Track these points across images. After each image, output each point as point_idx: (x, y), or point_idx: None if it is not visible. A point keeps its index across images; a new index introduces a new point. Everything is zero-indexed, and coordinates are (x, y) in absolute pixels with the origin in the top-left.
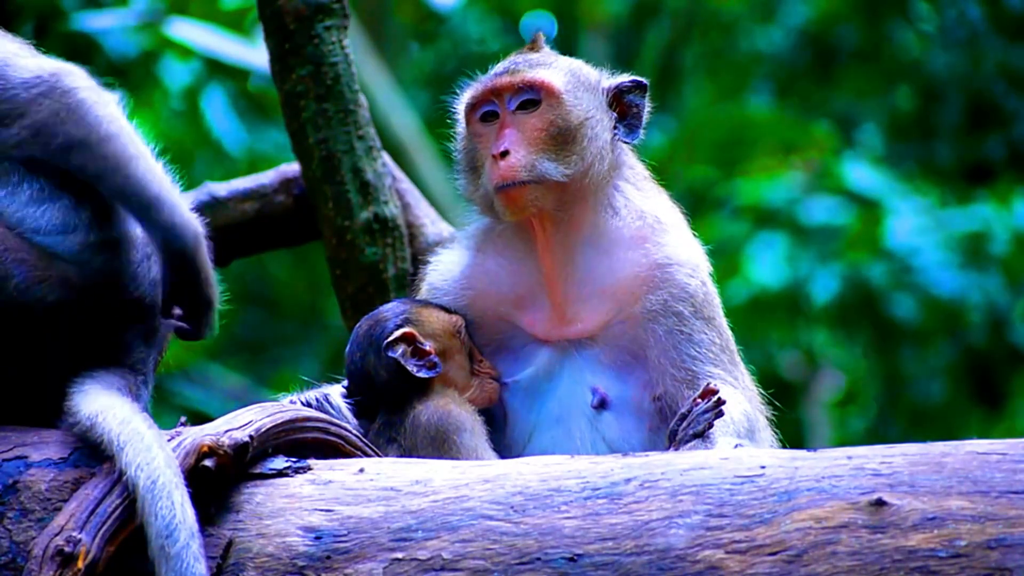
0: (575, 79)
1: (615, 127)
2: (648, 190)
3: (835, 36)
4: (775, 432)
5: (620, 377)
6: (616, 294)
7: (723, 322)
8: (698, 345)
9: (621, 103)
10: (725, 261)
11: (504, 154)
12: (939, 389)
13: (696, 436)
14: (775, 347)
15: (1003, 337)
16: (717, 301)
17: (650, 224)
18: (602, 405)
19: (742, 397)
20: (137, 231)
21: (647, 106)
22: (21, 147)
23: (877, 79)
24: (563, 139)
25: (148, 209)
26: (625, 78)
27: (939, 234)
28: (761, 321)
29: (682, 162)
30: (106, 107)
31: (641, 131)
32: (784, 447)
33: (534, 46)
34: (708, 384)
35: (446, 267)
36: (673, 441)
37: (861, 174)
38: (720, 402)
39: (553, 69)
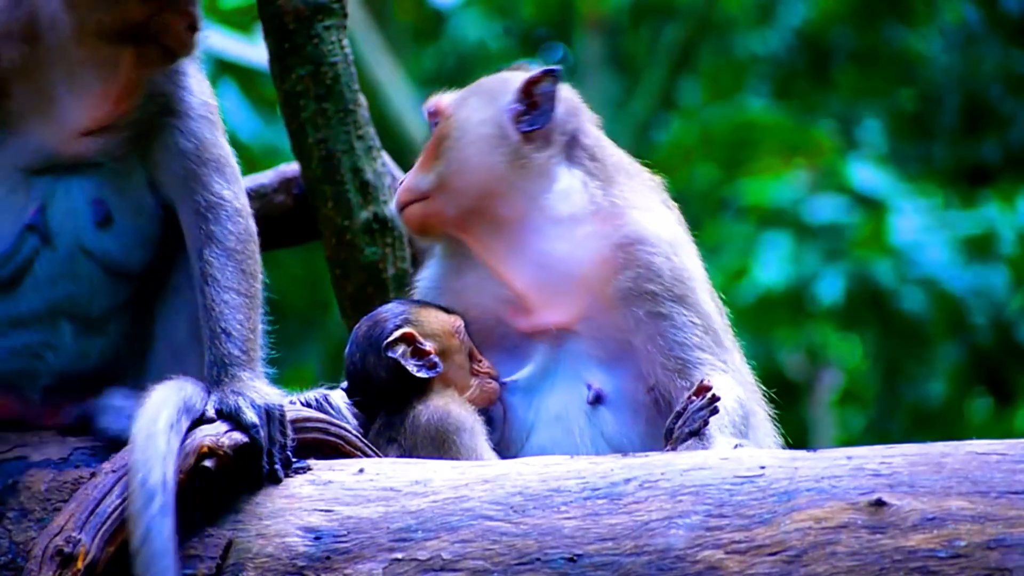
0: (469, 92)
1: (521, 119)
2: (612, 172)
3: (832, 38)
4: (777, 428)
5: (612, 370)
6: (582, 278)
7: (702, 298)
8: (679, 328)
9: (532, 95)
10: (730, 261)
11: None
12: (943, 389)
13: (692, 434)
14: (780, 346)
15: (1009, 337)
16: (692, 275)
17: (607, 206)
18: (598, 400)
19: (733, 382)
20: None
21: (557, 91)
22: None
23: (875, 81)
24: (443, 150)
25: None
26: (535, 71)
27: (944, 234)
28: (766, 321)
29: (686, 162)
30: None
31: (549, 116)
32: (787, 446)
33: None
34: (702, 381)
35: (426, 285)
36: (670, 440)
37: (865, 174)
38: (714, 399)
39: (455, 91)
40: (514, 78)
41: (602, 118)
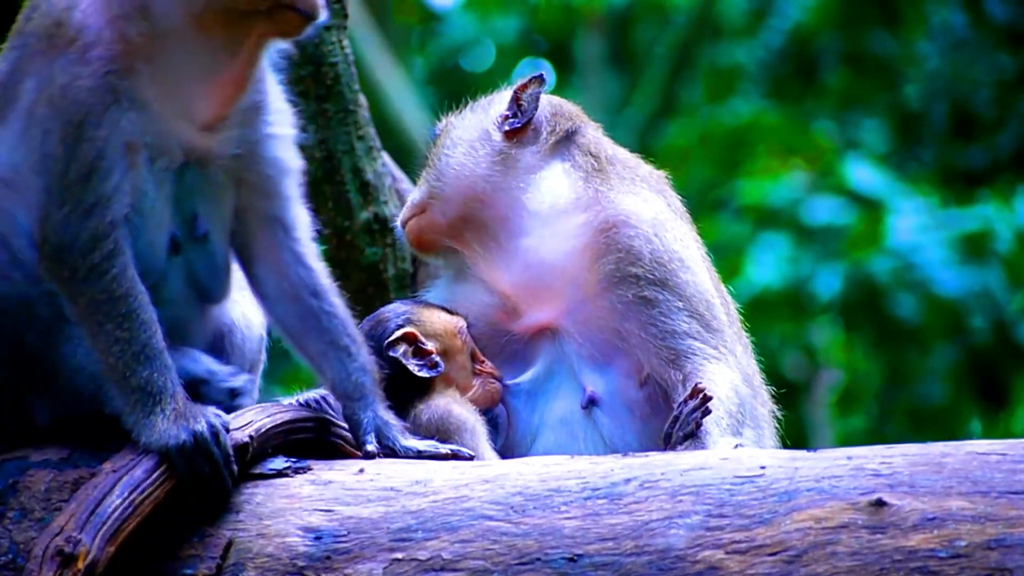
0: (468, 108)
1: (506, 122)
2: (605, 165)
3: (821, 43)
4: (777, 425)
5: (604, 370)
6: (565, 270)
7: (686, 280)
8: (665, 316)
9: (520, 99)
10: (728, 261)
11: None
12: (940, 389)
13: (687, 437)
14: (777, 347)
15: (1007, 336)
16: (675, 258)
17: (591, 195)
18: (592, 403)
19: (727, 369)
20: None
21: (540, 91)
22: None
23: (864, 86)
24: (434, 162)
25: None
26: (523, 80)
27: (941, 233)
28: (764, 321)
29: (685, 163)
30: None
31: (531, 113)
32: (787, 446)
33: None
34: (696, 384)
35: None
36: (669, 444)
37: (863, 174)
38: (706, 399)
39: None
40: (509, 90)
41: (602, 119)
